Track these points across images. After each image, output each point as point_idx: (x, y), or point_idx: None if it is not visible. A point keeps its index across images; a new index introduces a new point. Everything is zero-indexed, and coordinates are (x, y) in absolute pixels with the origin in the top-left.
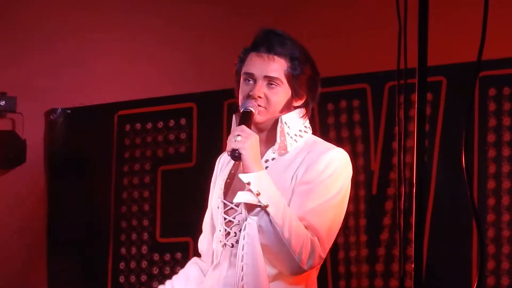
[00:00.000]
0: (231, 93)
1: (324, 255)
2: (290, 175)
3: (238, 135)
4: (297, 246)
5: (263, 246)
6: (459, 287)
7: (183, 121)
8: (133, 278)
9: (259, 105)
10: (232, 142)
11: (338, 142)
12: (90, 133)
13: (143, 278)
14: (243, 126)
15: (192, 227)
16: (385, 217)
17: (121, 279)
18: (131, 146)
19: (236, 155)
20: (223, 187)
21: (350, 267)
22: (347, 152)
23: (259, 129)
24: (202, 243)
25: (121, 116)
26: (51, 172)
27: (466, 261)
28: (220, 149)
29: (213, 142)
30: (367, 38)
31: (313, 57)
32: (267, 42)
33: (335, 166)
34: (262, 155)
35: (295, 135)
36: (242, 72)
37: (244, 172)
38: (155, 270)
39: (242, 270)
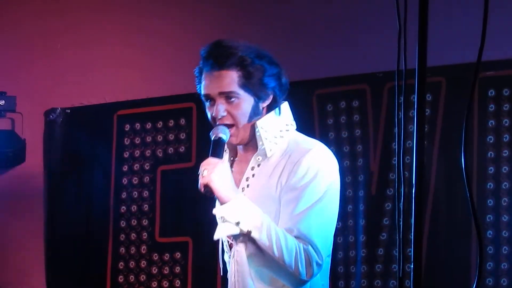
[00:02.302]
0: None
1: (322, 261)
2: (275, 182)
3: (204, 169)
4: (291, 261)
5: (261, 267)
6: None
7: (182, 121)
8: (132, 278)
9: (226, 125)
10: (200, 178)
11: (338, 143)
12: (90, 132)
13: (142, 277)
14: (208, 159)
15: (191, 227)
16: (384, 218)
17: (120, 278)
18: (131, 146)
19: (207, 190)
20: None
21: (349, 267)
22: (346, 153)
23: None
24: None
25: (121, 116)
26: (50, 172)
27: (465, 262)
28: None
29: None
30: (366, 39)
31: (313, 58)
32: (213, 58)
33: (316, 167)
34: (248, 162)
35: (275, 137)
36: (201, 94)
37: (220, 202)
38: (154, 270)
39: None
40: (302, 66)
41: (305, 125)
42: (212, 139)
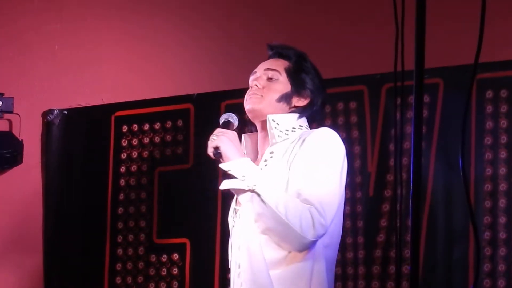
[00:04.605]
0: (228, 95)
1: (325, 222)
2: (285, 163)
3: (214, 135)
4: (296, 219)
5: (267, 231)
6: None
7: (180, 122)
8: (129, 279)
9: (255, 94)
10: (210, 142)
11: None
12: (87, 134)
13: (140, 279)
14: (218, 128)
15: (189, 228)
16: (381, 219)
17: (118, 280)
18: (128, 147)
19: (217, 152)
20: (235, 205)
21: (346, 268)
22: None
23: (254, 117)
24: None
25: (118, 117)
26: (48, 173)
27: (463, 263)
28: None
29: None
30: (364, 40)
31: (310, 59)
32: (274, 49)
33: (323, 143)
34: (262, 156)
35: (286, 130)
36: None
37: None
38: (152, 271)
39: (239, 258)
40: None
41: None
42: (221, 122)
